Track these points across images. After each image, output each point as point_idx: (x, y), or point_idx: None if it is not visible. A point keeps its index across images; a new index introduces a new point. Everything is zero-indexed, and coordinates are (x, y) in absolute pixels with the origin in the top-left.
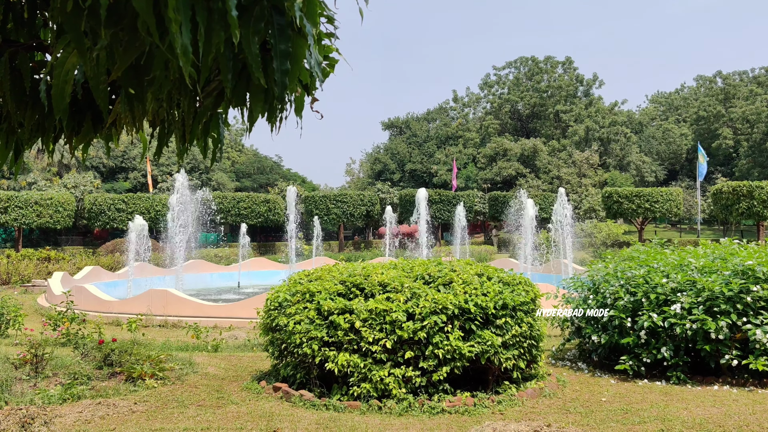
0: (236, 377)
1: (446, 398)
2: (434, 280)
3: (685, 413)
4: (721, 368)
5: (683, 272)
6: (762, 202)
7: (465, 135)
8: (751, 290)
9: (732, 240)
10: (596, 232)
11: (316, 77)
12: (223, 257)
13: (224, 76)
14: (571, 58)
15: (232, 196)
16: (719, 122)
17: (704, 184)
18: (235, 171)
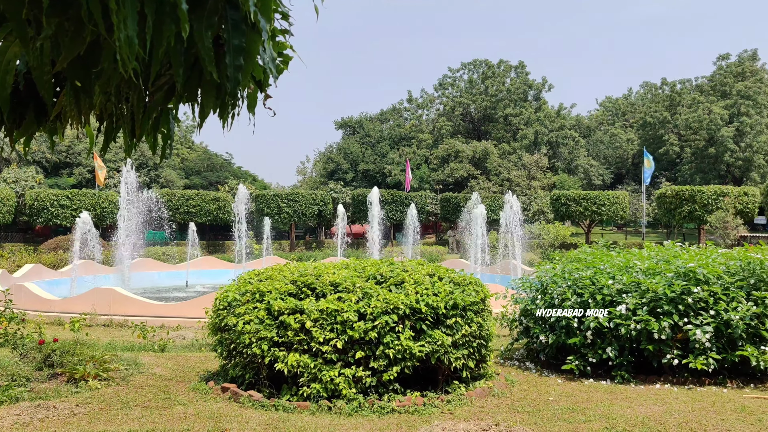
0: (184, 378)
1: (396, 398)
2: (386, 280)
3: (629, 411)
4: (663, 367)
5: (628, 274)
6: (703, 206)
7: (418, 136)
8: (692, 291)
9: (675, 243)
10: (544, 234)
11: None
12: (171, 256)
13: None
14: (524, 63)
15: (181, 193)
16: (664, 128)
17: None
18: (185, 168)
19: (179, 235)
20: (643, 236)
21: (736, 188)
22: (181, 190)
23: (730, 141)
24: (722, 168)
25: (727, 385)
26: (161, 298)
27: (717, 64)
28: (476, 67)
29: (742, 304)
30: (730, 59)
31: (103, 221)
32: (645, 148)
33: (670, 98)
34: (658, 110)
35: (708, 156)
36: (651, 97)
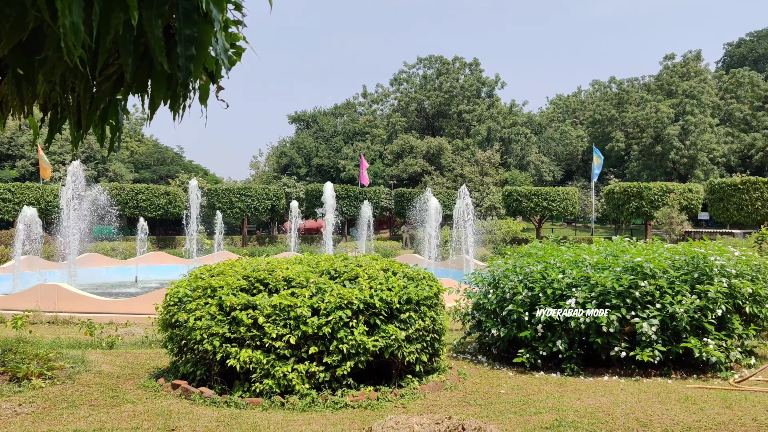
0: (133, 375)
1: (350, 393)
2: (340, 275)
3: (578, 403)
4: (611, 360)
5: (578, 268)
6: (650, 202)
7: (372, 131)
8: (640, 285)
9: (623, 238)
10: (496, 229)
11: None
12: (120, 251)
13: (124, 60)
14: (478, 60)
15: (130, 187)
16: (613, 126)
17: (598, 184)
18: (134, 161)
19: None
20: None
21: (681, 185)
22: (130, 184)
23: (676, 139)
24: (668, 165)
25: (672, 376)
26: (109, 294)
27: (663, 64)
28: (431, 63)
29: (686, 297)
30: (676, 59)
31: (47, 215)
32: (594, 145)
33: (618, 96)
34: (607, 108)
35: (655, 153)
36: (600, 95)
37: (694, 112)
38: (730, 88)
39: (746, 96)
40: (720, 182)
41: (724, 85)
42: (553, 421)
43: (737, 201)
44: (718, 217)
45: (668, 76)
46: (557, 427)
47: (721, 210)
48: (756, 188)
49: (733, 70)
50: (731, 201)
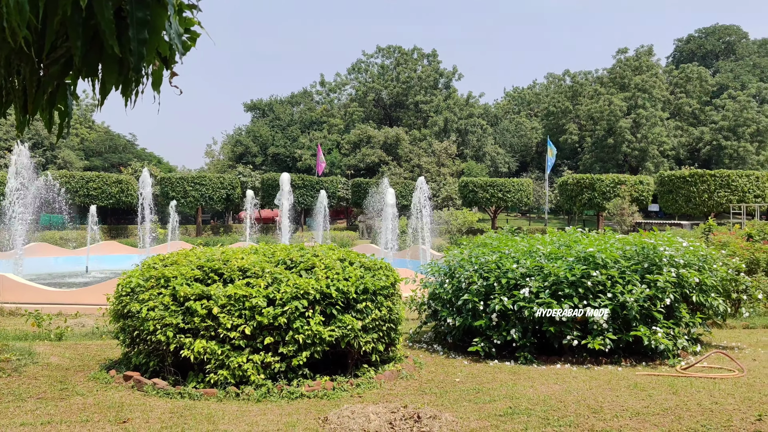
0: (83, 367)
1: (306, 383)
2: (296, 265)
3: (531, 391)
4: (564, 348)
5: (532, 258)
6: (602, 193)
7: (330, 120)
8: (592, 275)
9: (575, 228)
10: (452, 220)
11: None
12: (69, 240)
13: (73, 43)
14: (436, 51)
15: (80, 175)
16: (567, 118)
17: (552, 175)
18: (84, 149)
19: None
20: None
21: (633, 177)
22: (80, 172)
23: (628, 132)
24: (620, 157)
25: (622, 363)
26: (59, 284)
27: (616, 58)
28: (390, 53)
29: (636, 286)
30: (629, 53)
31: None
32: (548, 137)
33: (572, 89)
34: (561, 101)
35: (607, 146)
36: (555, 88)
37: (645, 105)
38: (679, 82)
39: (695, 91)
40: (669, 175)
41: (674, 80)
42: (507, 408)
43: (686, 193)
44: (667, 208)
45: (621, 70)
46: (511, 415)
47: (671, 202)
48: (703, 181)
49: (683, 66)
50: (680, 193)
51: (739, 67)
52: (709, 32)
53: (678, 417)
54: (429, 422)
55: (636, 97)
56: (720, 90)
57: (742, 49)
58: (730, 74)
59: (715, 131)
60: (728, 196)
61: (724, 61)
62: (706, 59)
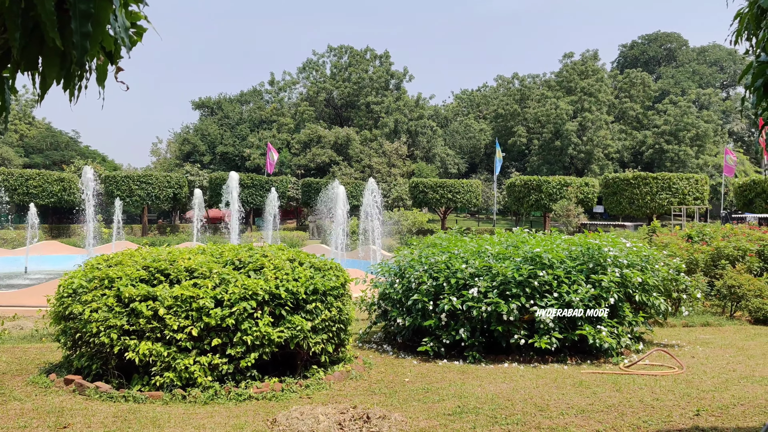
0: (21, 371)
1: (254, 384)
2: (245, 265)
3: (479, 390)
4: (511, 347)
5: (481, 258)
6: (549, 195)
7: (279, 120)
8: (538, 275)
9: (523, 229)
10: (403, 220)
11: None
12: (8, 240)
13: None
14: (389, 52)
15: (19, 173)
16: (515, 120)
17: (500, 177)
18: (24, 145)
19: (18, 218)
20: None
21: (578, 179)
22: (19, 170)
23: (574, 135)
24: (566, 160)
25: (568, 362)
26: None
27: (563, 62)
28: (341, 52)
29: (581, 286)
30: (574, 57)
31: None
32: (497, 140)
33: (520, 92)
34: (510, 103)
35: (554, 148)
36: (504, 91)
37: (591, 109)
38: (624, 87)
39: (638, 95)
40: (614, 177)
41: (619, 84)
42: (455, 407)
43: (629, 195)
44: (611, 210)
45: (568, 74)
46: (459, 414)
47: (615, 203)
48: (646, 183)
49: (627, 71)
50: (624, 195)
51: (679, 73)
52: (651, 39)
53: (621, 413)
54: (378, 422)
55: (582, 100)
56: (662, 95)
57: (683, 56)
58: (671, 80)
59: (657, 135)
60: (669, 198)
61: (666, 67)
62: (649, 65)
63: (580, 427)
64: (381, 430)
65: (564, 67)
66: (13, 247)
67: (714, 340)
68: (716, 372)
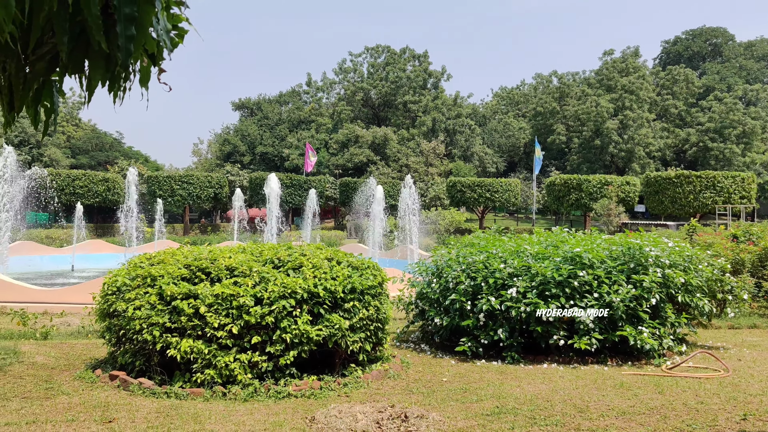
0: (68, 366)
1: (293, 382)
2: (284, 264)
3: (518, 390)
4: (551, 348)
5: (519, 258)
6: (589, 194)
7: (318, 120)
8: (578, 275)
9: (562, 229)
10: (440, 220)
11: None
12: (55, 239)
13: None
14: (428, 52)
15: (66, 173)
16: (554, 119)
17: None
18: (71, 147)
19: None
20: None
21: (619, 178)
22: (66, 170)
23: (615, 133)
24: (607, 158)
25: (608, 363)
26: (44, 283)
27: (603, 59)
28: (378, 52)
29: (622, 287)
30: (615, 55)
31: None
32: (536, 138)
33: (559, 90)
34: (549, 101)
35: (594, 147)
36: (542, 89)
37: (632, 107)
38: (666, 84)
39: (681, 92)
40: (656, 176)
41: (661, 81)
42: (494, 408)
43: (672, 194)
44: (653, 209)
45: (608, 72)
46: (498, 414)
47: (657, 202)
48: (689, 182)
49: (670, 67)
50: (666, 194)
51: (725, 69)
52: (696, 34)
53: (664, 416)
54: (416, 422)
55: (623, 98)
56: (706, 92)
57: (729, 51)
58: (716, 76)
59: (701, 133)
60: (714, 197)
61: (711, 63)
62: (693, 61)
63: (621, 429)
64: (419, 430)
65: (604, 64)
66: (60, 245)
67: (762, 343)
68: (764, 375)
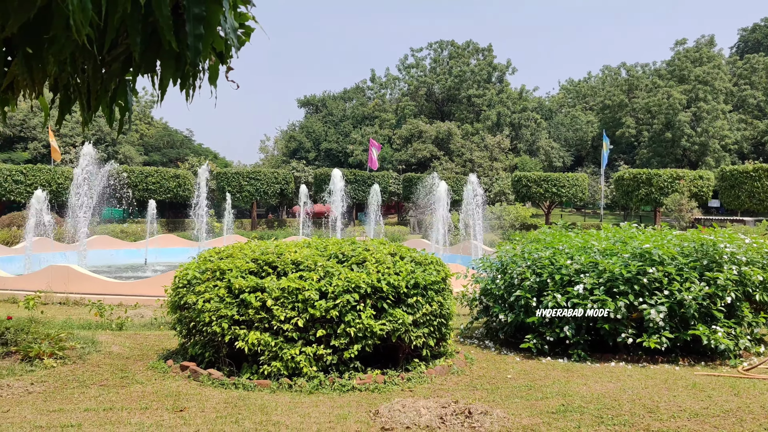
0: (142, 356)
1: (357, 376)
2: (348, 259)
3: (584, 389)
4: (618, 346)
5: (586, 254)
6: (659, 189)
7: (381, 116)
8: (648, 272)
9: (631, 224)
10: (505, 215)
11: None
12: (129, 233)
13: (132, 39)
14: (491, 45)
15: (140, 170)
16: (623, 111)
17: (608, 170)
18: (144, 144)
19: (138, 213)
20: (600, 218)
21: (692, 172)
22: (140, 167)
23: (687, 126)
24: (678, 152)
25: (680, 362)
26: (119, 276)
27: (675, 49)
28: (441, 47)
29: (695, 284)
30: (688, 44)
31: (58, 197)
32: (604, 131)
33: (628, 82)
34: (617, 94)
35: (665, 140)
36: (610, 81)
37: (706, 98)
38: (744, 74)
39: (761, 82)
40: (731, 169)
41: (738, 71)
42: (559, 405)
43: (749, 188)
44: (729, 204)
45: (680, 62)
46: (563, 412)
47: (732, 197)
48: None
49: (748, 56)
50: (743, 188)
51: None
52: None
53: (739, 419)
54: (480, 418)
55: (696, 89)
56: None
57: None
58: None
59: None
60: None
61: None
62: None
63: (694, 431)
64: (483, 426)
65: (676, 54)
66: (134, 240)
67: None
68: None
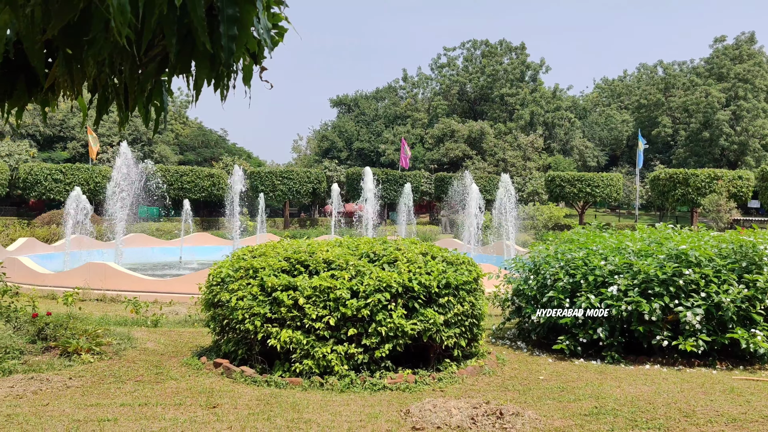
0: (176, 353)
1: (388, 375)
2: (379, 258)
3: (618, 391)
4: (653, 348)
5: (621, 255)
6: (696, 189)
7: (413, 115)
8: (684, 274)
9: (667, 225)
10: (538, 215)
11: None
12: (165, 231)
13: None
14: (524, 44)
15: (175, 169)
16: (659, 110)
17: (643, 170)
18: (179, 144)
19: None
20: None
21: (731, 172)
22: (175, 166)
23: (726, 125)
24: (717, 151)
25: (717, 366)
26: (155, 273)
27: (713, 47)
28: (474, 46)
29: (733, 286)
30: (727, 41)
31: (96, 196)
32: (639, 131)
33: (664, 81)
34: (653, 93)
35: (702, 139)
36: (646, 80)
37: (746, 96)
38: None
39: None
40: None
41: None
42: (592, 408)
43: None
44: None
45: (719, 60)
46: (596, 415)
47: None
48: None
49: None
50: None
51: None
52: None
53: None
54: (511, 419)
55: (736, 87)
56: None
57: None
58: None
59: None
60: None
61: None
62: None
63: None
64: (514, 427)
65: (715, 52)
66: (169, 238)
67: None
68: None
